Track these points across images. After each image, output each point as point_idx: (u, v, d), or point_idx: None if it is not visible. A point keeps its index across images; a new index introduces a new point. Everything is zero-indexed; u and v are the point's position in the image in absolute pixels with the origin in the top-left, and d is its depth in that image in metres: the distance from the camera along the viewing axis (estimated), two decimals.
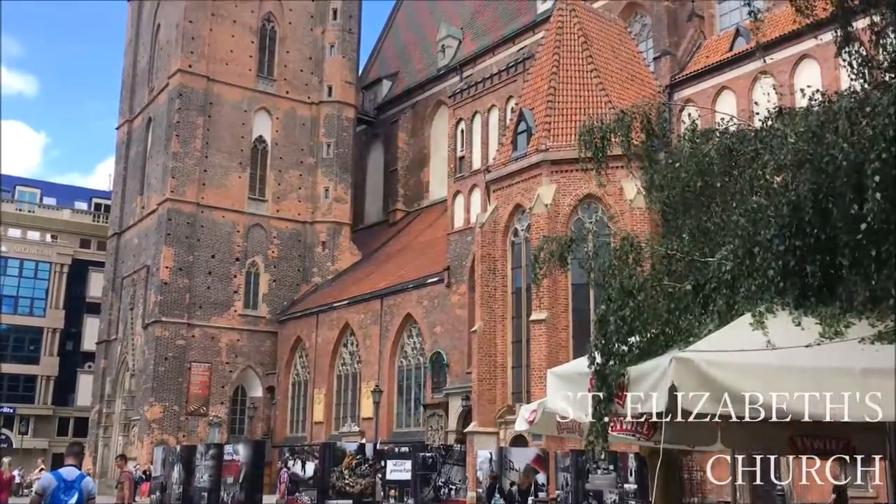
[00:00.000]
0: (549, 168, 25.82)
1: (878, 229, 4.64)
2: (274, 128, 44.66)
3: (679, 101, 29.31)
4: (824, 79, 23.43)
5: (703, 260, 6.56)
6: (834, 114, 5.25)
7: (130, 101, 49.08)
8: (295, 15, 46.12)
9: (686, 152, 7.19)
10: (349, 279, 42.22)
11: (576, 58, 27.81)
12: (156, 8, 47.35)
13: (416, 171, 47.29)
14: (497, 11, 44.83)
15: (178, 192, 40.89)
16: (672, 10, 32.04)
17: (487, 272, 27.49)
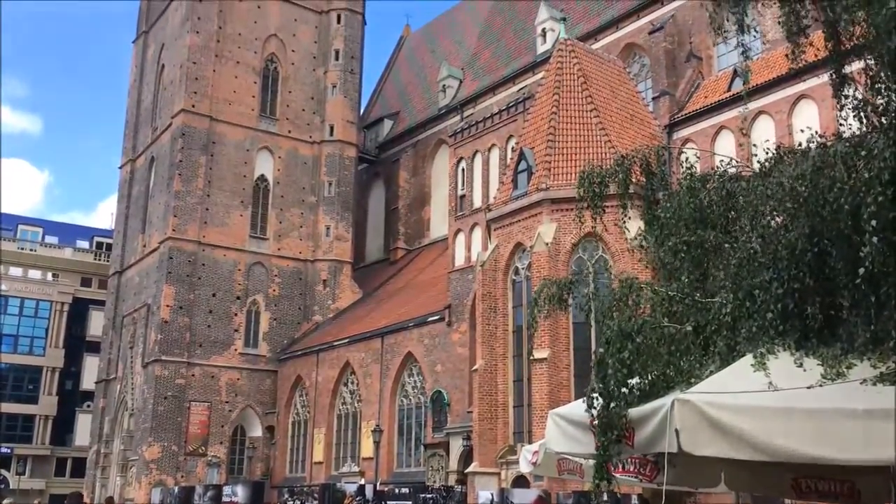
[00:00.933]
0: (550, 207, 25.92)
1: (877, 272, 4.67)
2: (276, 167, 44.94)
3: (678, 140, 29.55)
4: (822, 118, 23.64)
5: (704, 301, 6.58)
6: (830, 158, 5.32)
7: (134, 140, 49.47)
8: (297, 56, 46.68)
9: (684, 198, 7.26)
10: (350, 317, 42.15)
11: (576, 98, 28.07)
12: (160, 49, 47.95)
13: (417, 209, 47.48)
14: (497, 52, 45.37)
15: (180, 231, 41.02)
16: (670, 51, 32.45)
17: (488, 310, 27.46)
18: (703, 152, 22.07)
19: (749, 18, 7.82)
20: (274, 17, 46.19)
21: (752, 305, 5.76)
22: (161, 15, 48.70)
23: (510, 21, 46.51)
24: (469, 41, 49.83)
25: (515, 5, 47.20)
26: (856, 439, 4.69)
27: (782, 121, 26.13)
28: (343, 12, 47.52)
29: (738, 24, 6.88)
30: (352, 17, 47.75)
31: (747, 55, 8.02)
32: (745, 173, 7.86)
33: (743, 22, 6.79)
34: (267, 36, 45.76)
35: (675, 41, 32.72)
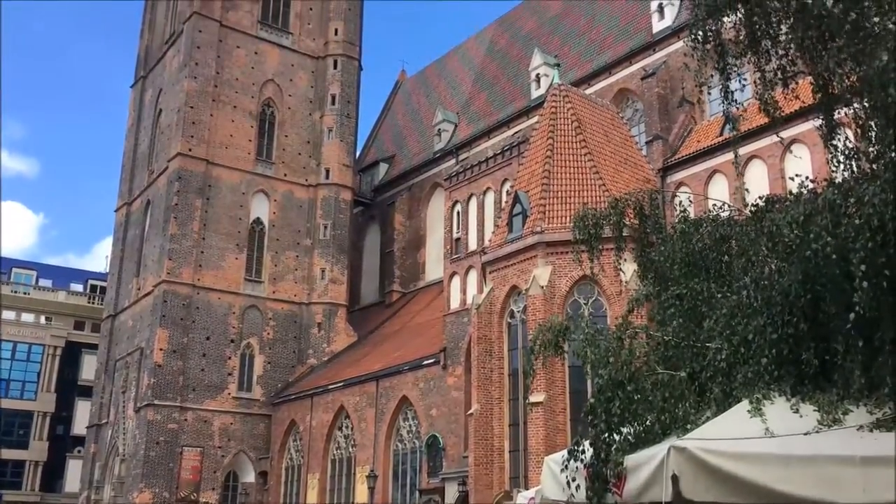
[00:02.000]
0: (545, 250, 25.96)
1: (868, 318, 4.68)
2: (271, 210, 45.07)
3: (672, 183, 29.76)
4: (814, 162, 23.84)
5: (699, 345, 6.57)
6: (819, 205, 5.37)
7: (130, 183, 49.64)
8: (294, 100, 47.11)
9: (677, 242, 7.31)
10: (345, 361, 41.91)
11: (570, 142, 28.30)
12: (158, 94, 48.37)
13: (413, 252, 47.54)
14: (492, 97, 45.87)
15: (175, 274, 40.95)
16: (663, 96, 32.86)
17: (484, 354, 27.33)
18: (697, 196, 22.22)
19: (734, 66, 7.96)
20: (271, 62, 46.72)
21: (747, 351, 5.75)
22: (159, 61, 49.25)
23: (504, 67, 47.12)
24: (464, 86, 50.39)
25: (509, 51, 47.87)
26: (855, 486, 4.66)
27: (774, 165, 26.37)
28: (340, 58, 48.09)
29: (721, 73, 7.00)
30: (348, 63, 48.31)
31: (732, 105, 8.13)
32: (738, 217, 7.92)
33: (728, 88, 6.91)
34: (264, 81, 46.23)
35: (668, 87, 33.16)
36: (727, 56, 7.26)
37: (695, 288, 7.33)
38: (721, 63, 7.25)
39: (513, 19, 50.97)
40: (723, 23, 7.18)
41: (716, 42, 7.14)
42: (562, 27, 44.17)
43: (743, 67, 8.50)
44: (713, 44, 7.14)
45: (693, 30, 7.24)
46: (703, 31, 7.14)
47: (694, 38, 7.23)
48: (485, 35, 53.20)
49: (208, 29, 44.42)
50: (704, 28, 7.29)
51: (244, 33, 46.05)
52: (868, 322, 4.93)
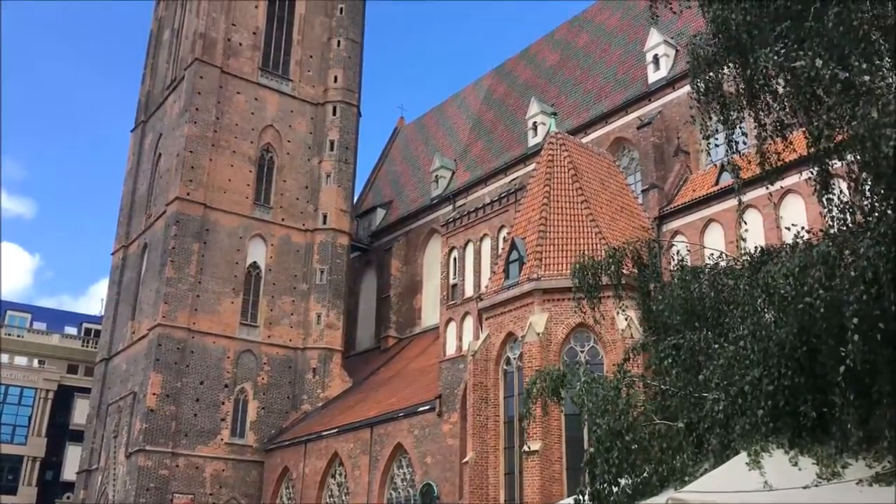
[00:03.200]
0: (541, 297, 25.96)
1: (863, 370, 4.69)
2: (268, 254, 45.10)
3: (668, 232, 29.90)
4: (809, 212, 24.01)
5: (697, 395, 6.55)
6: (814, 258, 5.41)
7: (128, 226, 49.73)
8: (293, 146, 47.48)
9: (676, 290, 7.35)
10: (339, 407, 41.56)
11: (566, 189, 28.48)
12: (158, 138, 48.74)
13: (409, 298, 47.49)
14: (489, 144, 46.29)
15: (170, 318, 40.80)
16: (658, 145, 33.20)
17: (479, 401, 27.14)
18: (693, 245, 22.32)
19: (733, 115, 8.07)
20: (271, 108, 47.19)
21: (745, 402, 5.74)
22: (160, 106, 49.74)
23: (501, 115, 47.64)
24: (461, 133, 50.88)
25: (506, 100, 48.45)
26: None
27: (770, 214, 26.53)
28: (339, 104, 48.59)
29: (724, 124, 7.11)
30: (347, 109, 48.81)
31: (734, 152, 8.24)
32: (735, 267, 7.96)
33: (732, 139, 7.02)
34: (263, 126, 46.64)
35: (664, 136, 33.52)
36: (729, 108, 7.38)
37: (692, 338, 7.34)
38: (723, 114, 7.36)
39: (510, 69, 51.69)
40: (723, 74, 7.31)
41: (717, 94, 7.27)
42: (558, 77, 44.78)
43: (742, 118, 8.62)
44: (715, 95, 7.26)
45: (695, 82, 7.36)
46: (703, 82, 7.27)
47: (697, 91, 7.35)
48: (482, 83, 53.88)
49: (209, 75, 44.94)
50: (705, 79, 7.42)
51: (245, 80, 46.59)
52: (864, 374, 4.93)
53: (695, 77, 7.61)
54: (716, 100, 7.45)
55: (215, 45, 45.62)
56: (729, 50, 6.99)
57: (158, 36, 53.89)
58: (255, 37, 47.69)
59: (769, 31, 6.66)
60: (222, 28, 46.16)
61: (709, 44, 7.33)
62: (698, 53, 7.59)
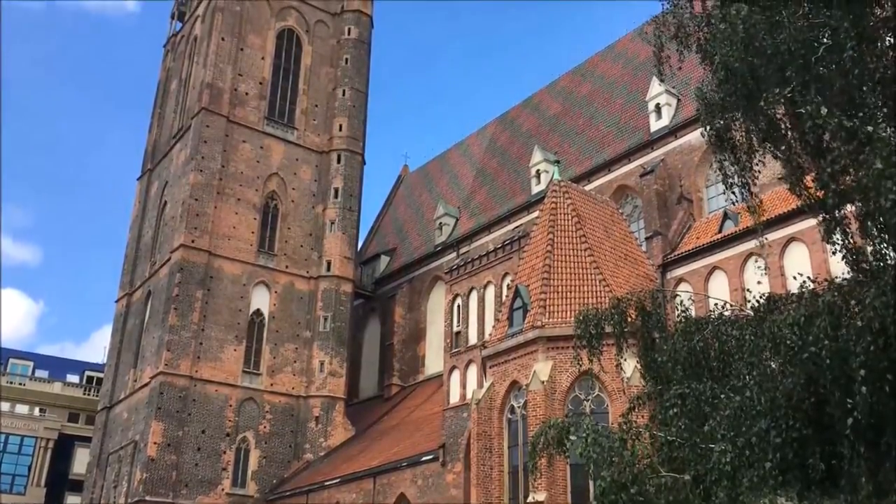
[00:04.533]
0: (546, 345, 25.82)
1: (872, 422, 4.61)
2: (272, 301, 45.04)
3: (672, 279, 29.85)
4: (813, 260, 23.99)
5: (703, 446, 6.46)
6: (819, 307, 5.37)
7: (132, 274, 49.81)
8: (297, 193, 47.74)
9: (679, 341, 7.30)
10: (342, 456, 41.08)
11: (570, 237, 28.53)
12: (163, 186, 49.09)
13: (412, 345, 47.26)
14: (492, 192, 46.51)
15: (173, 366, 40.60)
16: (661, 193, 33.32)
17: (483, 451, 26.82)
18: (697, 295, 22.27)
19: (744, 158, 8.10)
20: (276, 156, 47.59)
21: (752, 454, 5.65)
22: (166, 154, 50.23)
23: (505, 163, 47.96)
24: (465, 181, 51.17)
25: (510, 148, 48.83)
26: None
27: (774, 262, 26.50)
28: (343, 153, 48.98)
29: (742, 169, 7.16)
30: (351, 158, 49.18)
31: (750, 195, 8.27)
32: (740, 315, 7.91)
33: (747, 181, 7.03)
34: (268, 174, 46.97)
35: (666, 184, 33.66)
36: (741, 151, 7.43)
37: (697, 387, 7.26)
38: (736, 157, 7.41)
39: (513, 117, 52.19)
40: (733, 120, 7.37)
41: (728, 138, 7.32)
42: (561, 125, 45.17)
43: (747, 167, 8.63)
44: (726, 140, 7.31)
45: (706, 128, 7.41)
46: (715, 128, 7.33)
47: (710, 137, 7.40)
48: (486, 132, 54.37)
49: (216, 124, 45.43)
50: (717, 126, 7.48)
51: (250, 128, 47.07)
52: (872, 426, 4.85)
53: (706, 123, 7.65)
54: (728, 145, 7.50)
55: (222, 94, 46.20)
56: (737, 96, 7.05)
57: (166, 86, 54.64)
58: (261, 86, 48.31)
59: (777, 77, 6.72)
60: (229, 78, 46.80)
61: (716, 90, 7.41)
62: (708, 99, 7.65)
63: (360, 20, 52.27)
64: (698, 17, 8.85)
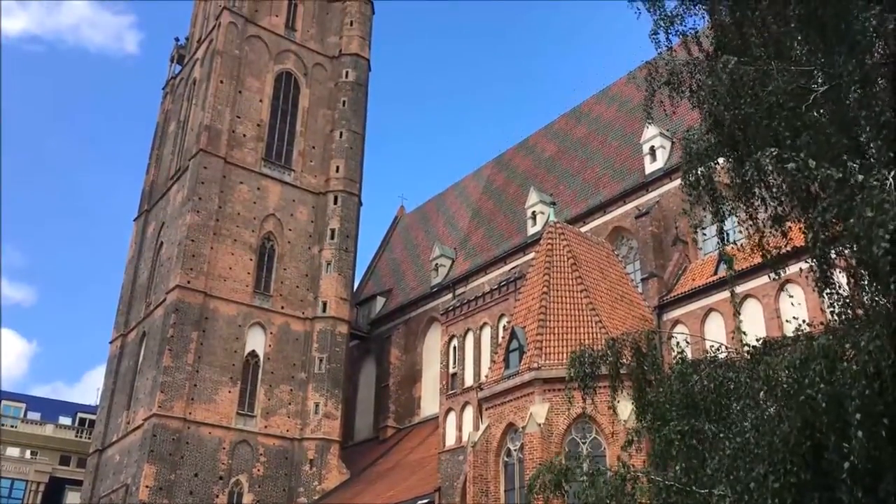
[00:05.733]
0: (542, 387, 25.70)
1: (864, 469, 4.58)
2: (267, 342, 44.84)
3: (668, 321, 29.83)
4: (809, 302, 23.97)
5: (701, 491, 6.41)
6: (815, 351, 5.38)
7: (127, 315, 49.63)
8: (294, 234, 47.83)
9: (675, 383, 7.28)
10: (336, 500, 40.55)
11: (566, 278, 28.56)
12: (160, 227, 49.17)
13: (408, 387, 46.98)
14: (488, 233, 46.65)
15: (166, 407, 40.25)
16: (657, 234, 33.46)
17: (480, 494, 26.52)
18: (693, 336, 22.24)
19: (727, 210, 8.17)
20: (273, 197, 47.77)
21: (751, 499, 5.61)
22: (163, 195, 50.40)
23: (501, 204, 48.19)
24: (461, 222, 51.35)
25: (506, 189, 49.10)
26: None
27: (769, 304, 26.54)
28: (340, 194, 49.18)
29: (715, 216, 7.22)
30: (348, 199, 49.37)
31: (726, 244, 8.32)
32: (736, 357, 7.92)
33: (723, 231, 7.13)
34: (265, 215, 47.09)
35: (661, 225, 33.82)
36: (721, 200, 7.50)
37: (696, 424, 7.22)
38: (714, 207, 7.48)
39: (509, 159, 52.57)
40: (714, 168, 7.45)
41: (709, 187, 7.40)
42: (557, 167, 45.50)
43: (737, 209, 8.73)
44: (706, 188, 7.40)
45: (687, 176, 7.49)
46: (695, 175, 7.41)
47: (688, 184, 7.48)
48: (482, 173, 54.70)
49: (213, 165, 45.67)
50: (697, 173, 7.56)
51: (248, 170, 47.31)
52: (870, 472, 4.83)
53: (687, 172, 7.76)
54: (707, 194, 7.58)
55: (220, 136, 46.52)
56: (722, 145, 7.15)
57: (164, 128, 55.07)
58: (259, 128, 48.68)
59: (764, 126, 6.82)
60: (227, 120, 47.17)
61: (702, 138, 7.51)
62: (692, 148, 7.75)
63: (358, 63, 52.89)
64: (690, 64, 9.00)
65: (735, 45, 7.65)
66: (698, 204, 7.74)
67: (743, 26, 7.57)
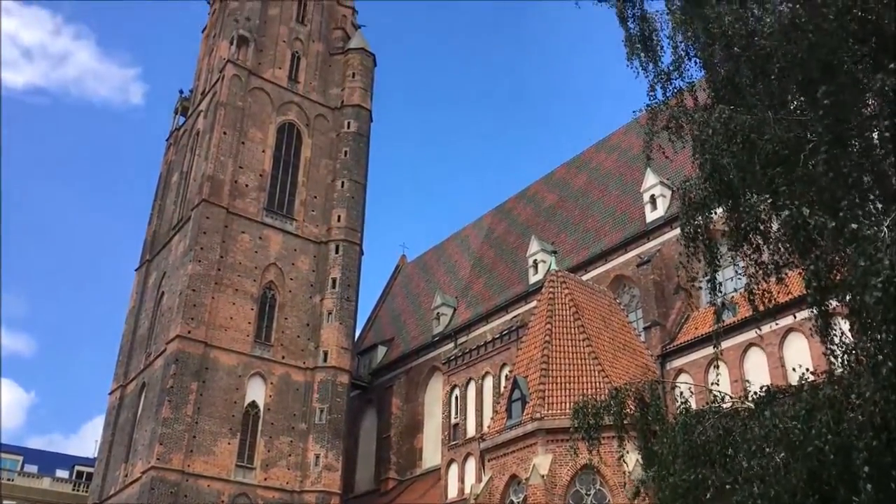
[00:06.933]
0: (545, 437, 25.42)
1: None
2: (267, 393, 44.47)
3: (671, 370, 29.62)
4: (813, 350, 23.82)
5: None
6: (820, 401, 5.31)
7: (126, 366, 49.33)
8: (295, 284, 47.77)
9: (679, 434, 7.18)
10: None
11: (568, 327, 28.45)
12: (161, 277, 49.16)
13: (410, 437, 46.45)
14: (490, 282, 46.61)
15: (164, 460, 39.73)
16: (659, 283, 33.41)
17: None
18: (697, 386, 22.06)
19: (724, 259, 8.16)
20: (274, 247, 47.83)
21: None
22: (165, 245, 50.50)
23: (502, 253, 48.25)
24: (462, 271, 51.35)
25: (506, 238, 49.21)
26: None
27: (773, 353, 26.39)
28: (341, 243, 49.24)
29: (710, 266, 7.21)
30: (349, 248, 49.42)
31: (721, 309, 8.30)
32: (740, 406, 7.82)
33: (716, 282, 7.12)
34: (267, 265, 47.09)
35: (663, 274, 33.79)
36: (717, 251, 7.49)
37: (704, 473, 7.10)
38: (709, 256, 7.47)
39: (509, 208, 52.80)
40: (711, 219, 7.46)
41: (705, 237, 7.40)
42: (558, 216, 45.66)
43: (736, 258, 8.72)
44: (702, 239, 7.39)
45: (685, 227, 7.49)
46: (692, 227, 7.41)
47: (686, 236, 7.48)
48: (483, 222, 54.90)
49: (215, 215, 45.84)
50: (694, 223, 7.56)
51: (250, 219, 47.46)
52: None
53: (685, 223, 7.76)
54: (703, 243, 7.58)
55: (222, 186, 46.79)
56: (720, 194, 7.17)
57: (167, 178, 55.44)
58: (261, 178, 48.98)
59: (760, 175, 6.84)
60: (230, 170, 47.49)
61: (700, 187, 7.55)
62: (689, 197, 7.76)
63: (360, 114, 53.46)
64: (690, 112, 9.08)
65: (730, 97, 7.73)
66: (695, 256, 7.75)
67: (735, 79, 7.66)
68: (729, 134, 6.85)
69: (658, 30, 10.03)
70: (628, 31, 9.90)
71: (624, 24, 9.91)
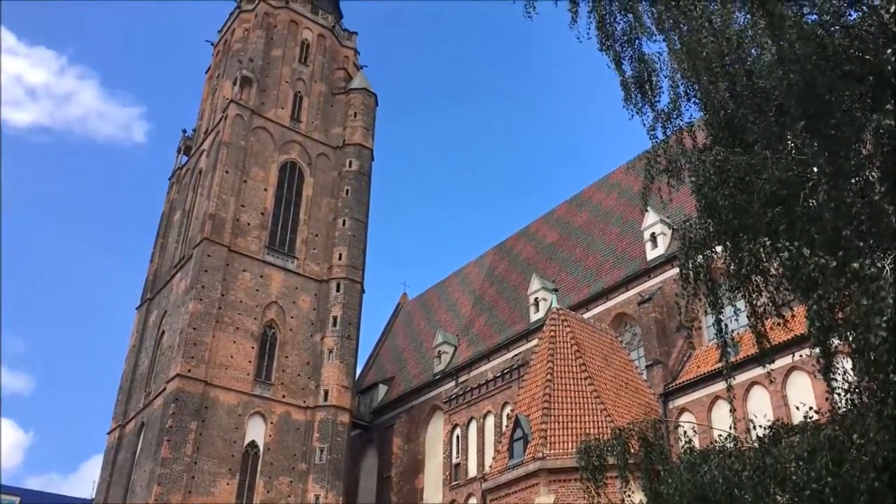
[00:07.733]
0: (547, 477, 25.16)
1: None
2: (267, 432, 44.16)
3: (674, 409, 29.45)
4: (816, 388, 23.71)
5: None
6: (821, 441, 5.30)
7: (126, 405, 49.05)
8: (296, 322, 47.69)
9: (684, 474, 7.15)
10: None
11: (570, 365, 28.32)
12: (162, 315, 49.10)
13: (411, 477, 45.98)
14: (491, 320, 46.51)
15: (163, 501, 39.29)
16: (660, 321, 33.34)
17: None
18: (700, 425, 21.93)
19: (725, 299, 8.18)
20: (276, 285, 47.85)
21: None
22: (166, 284, 50.52)
23: (503, 291, 48.22)
24: (464, 309, 51.27)
25: (508, 276, 49.22)
26: None
27: (777, 391, 26.25)
28: (342, 281, 49.27)
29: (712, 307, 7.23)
30: (350, 286, 49.43)
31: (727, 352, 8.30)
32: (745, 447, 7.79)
33: (721, 322, 7.14)
34: (268, 303, 47.06)
35: (665, 311, 33.74)
36: (718, 290, 7.52)
37: None
38: (711, 297, 7.50)
39: (510, 246, 52.90)
40: (711, 258, 7.50)
41: (705, 277, 7.44)
42: (559, 254, 45.73)
43: (736, 297, 8.74)
44: (703, 279, 7.43)
45: (683, 267, 7.52)
46: (692, 268, 7.44)
47: (684, 277, 7.51)
48: (484, 260, 54.96)
49: (217, 254, 45.93)
50: (692, 264, 7.59)
51: (251, 258, 47.55)
52: None
53: (683, 263, 7.80)
54: (704, 284, 7.61)
55: (224, 224, 46.97)
56: (719, 233, 7.21)
57: (169, 217, 55.68)
58: (262, 217, 49.18)
59: (760, 214, 6.89)
60: (232, 209, 47.70)
61: (699, 227, 7.59)
62: (688, 237, 7.81)
63: (361, 153, 53.87)
64: (688, 153, 9.17)
65: (727, 139, 7.82)
66: (695, 297, 7.78)
67: (735, 119, 7.75)
68: (724, 176, 6.92)
69: (657, 71, 10.15)
70: (623, 75, 10.03)
71: (619, 68, 10.04)
